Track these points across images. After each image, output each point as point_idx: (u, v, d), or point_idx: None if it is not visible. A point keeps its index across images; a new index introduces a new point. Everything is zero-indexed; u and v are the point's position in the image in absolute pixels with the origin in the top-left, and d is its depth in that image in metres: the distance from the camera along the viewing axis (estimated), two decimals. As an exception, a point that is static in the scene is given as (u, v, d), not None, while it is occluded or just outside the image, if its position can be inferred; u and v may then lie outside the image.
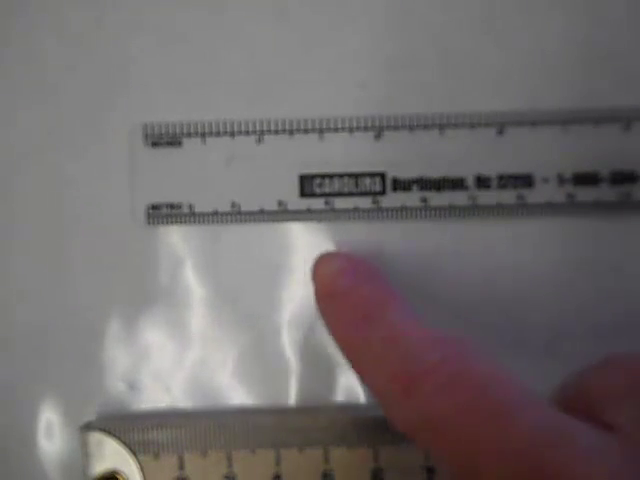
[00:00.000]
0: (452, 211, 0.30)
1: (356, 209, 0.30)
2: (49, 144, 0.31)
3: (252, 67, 0.31)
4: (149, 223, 0.30)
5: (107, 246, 0.31)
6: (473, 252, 0.30)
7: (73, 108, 0.31)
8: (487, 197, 0.30)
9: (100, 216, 0.31)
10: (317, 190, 0.30)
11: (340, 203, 0.30)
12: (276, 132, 0.30)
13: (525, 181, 0.30)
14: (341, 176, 0.30)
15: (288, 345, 0.30)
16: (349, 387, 0.30)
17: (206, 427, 0.29)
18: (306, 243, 0.31)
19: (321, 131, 0.30)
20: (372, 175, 0.30)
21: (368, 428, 0.29)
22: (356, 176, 0.30)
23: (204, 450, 0.29)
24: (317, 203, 0.30)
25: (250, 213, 0.30)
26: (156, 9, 0.31)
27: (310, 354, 0.30)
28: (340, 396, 0.30)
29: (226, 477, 0.29)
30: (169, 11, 0.31)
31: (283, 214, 0.30)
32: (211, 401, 0.31)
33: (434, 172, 0.30)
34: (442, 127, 0.30)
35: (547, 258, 0.30)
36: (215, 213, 0.30)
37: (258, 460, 0.29)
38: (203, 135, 0.30)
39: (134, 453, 0.29)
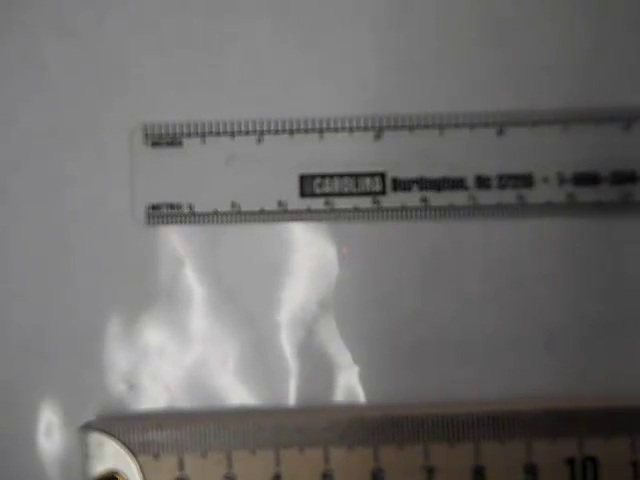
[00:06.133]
0: (452, 211, 0.30)
1: (356, 209, 0.30)
2: (49, 144, 0.31)
3: (252, 67, 0.31)
4: (149, 223, 0.30)
5: (107, 246, 0.31)
6: (473, 252, 0.30)
7: (73, 108, 0.31)
8: (487, 197, 0.30)
9: (100, 216, 0.31)
10: (317, 190, 0.30)
11: (340, 203, 0.30)
12: (276, 132, 0.30)
13: (525, 181, 0.29)
14: (341, 176, 0.30)
15: (288, 345, 0.30)
16: (349, 387, 0.30)
17: (206, 427, 0.29)
18: (306, 243, 0.31)
19: (321, 131, 0.30)
20: (372, 175, 0.30)
21: (368, 428, 0.29)
22: (356, 176, 0.30)
23: (204, 450, 0.29)
24: (317, 203, 0.30)
25: (250, 213, 0.30)
26: (156, 9, 0.31)
27: (310, 354, 0.30)
28: (340, 396, 0.30)
29: (226, 477, 0.29)
30: (169, 11, 0.31)
31: (283, 214, 0.30)
32: (211, 401, 0.30)
33: (434, 172, 0.30)
34: (442, 127, 0.30)
35: (547, 258, 0.30)
36: (215, 213, 0.30)
37: (258, 460, 0.29)
38: (203, 135, 0.30)
39: (134, 453, 0.29)
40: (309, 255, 0.31)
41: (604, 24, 0.30)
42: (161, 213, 0.30)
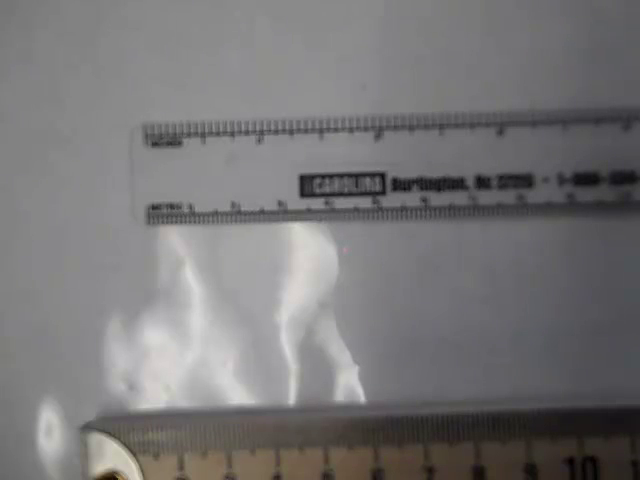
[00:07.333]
0: (452, 211, 0.30)
1: (356, 209, 0.30)
2: (49, 144, 0.31)
3: (252, 67, 0.31)
4: (149, 223, 0.30)
5: (107, 246, 0.31)
6: (473, 252, 0.30)
7: (73, 108, 0.31)
8: (487, 197, 0.30)
9: (100, 216, 0.31)
10: (317, 190, 0.30)
11: (340, 203, 0.30)
12: (276, 132, 0.30)
13: (525, 181, 0.30)
14: (341, 176, 0.30)
15: (288, 345, 0.30)
16: (349, 387, 0.30)
17: (206, 427, 0.29)
18: (306, 243, 0.31)
19: (321, 131, 0.30)
20: (372, 175, 0.30)
21: (368, 428, 0.29)
22: (356, 176, 0.30)
23: (204, 450, 0.29)
24: (317, 203, 0.30)
25: (250, 213, 0.30)
26: (156, 8, 0.31)
27: (310, 354, 0.30)
28: (340, 396, 0.30)
29: (226, 477, 0.29)
30: (169, 10, 0.31)
31: (283, 214, 0.30)
32: (211, 401, 0.31)
33: (434, 172, 0.30)
34: (442, 127, 0.30)
35: (547, 258, 0.30)
36: (215, 213, 0.30)
37: (258, 460, 0.29)
38: (203, 135, 0.30)
39: (134, 453, 0.29)
40: (309, 255, 0.31)
41: (604, 24, 0.30)
42: (161, 213, 0.30)
